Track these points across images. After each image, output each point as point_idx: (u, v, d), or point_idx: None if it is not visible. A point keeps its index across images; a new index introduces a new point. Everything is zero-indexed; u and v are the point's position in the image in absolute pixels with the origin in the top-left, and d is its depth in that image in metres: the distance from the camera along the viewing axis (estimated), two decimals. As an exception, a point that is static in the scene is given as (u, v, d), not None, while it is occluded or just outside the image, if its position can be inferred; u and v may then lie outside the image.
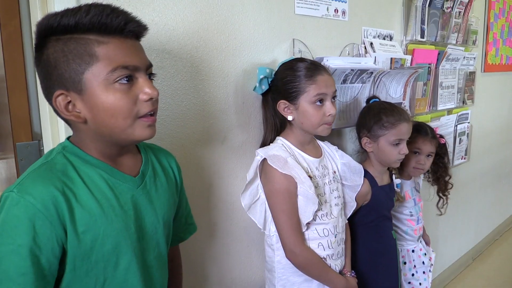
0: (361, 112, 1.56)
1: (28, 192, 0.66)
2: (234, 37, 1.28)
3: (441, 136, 1.82)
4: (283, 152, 1.17)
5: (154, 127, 0.77)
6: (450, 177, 1.85)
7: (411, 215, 1.84)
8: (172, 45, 1.14)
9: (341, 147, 1.69)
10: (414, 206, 1.84)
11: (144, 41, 0.78)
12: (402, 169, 1.78)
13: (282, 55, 1.40)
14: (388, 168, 1.61)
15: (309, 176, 1.18)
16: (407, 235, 1.75)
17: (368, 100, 1.62)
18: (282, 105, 1.20)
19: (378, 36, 1.78)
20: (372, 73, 1.57)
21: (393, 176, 1.61)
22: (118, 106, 0.71)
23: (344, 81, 1.51)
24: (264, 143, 1.29)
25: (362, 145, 1.52)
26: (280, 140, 1.24)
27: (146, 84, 0.73)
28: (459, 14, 2.19)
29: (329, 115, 1.17)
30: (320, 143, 1.34)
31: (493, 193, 3.16)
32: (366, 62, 1.57)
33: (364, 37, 1.71)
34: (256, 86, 1.25)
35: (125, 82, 0.71)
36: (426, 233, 1.92)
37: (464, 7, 2.21)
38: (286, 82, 1.18)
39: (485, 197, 3.06)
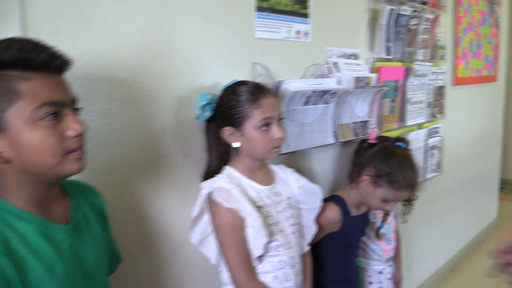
0: (382, 150, 1.50)
1: None
2: (190, 64, 1.26)
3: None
4: (228, 183, 1.15)
5: (82, 160, 0.75)
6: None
7: (383, 235, 1.84)
8: (126, 74, 1.13)
9: (307, 168, 1.69)
10: (387, 226, 1.84)
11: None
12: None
13: (242, 79, 1.39)
14: None
15: (259, 206, 1.16)
16: (376, 255, 1.75)
17: (395, 140, 1.58)
18: (226, 132, 1.16)
19: (343, 56, 1.79)
20: (335, 93, 1.57)
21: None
22: (46, 143, 0.69)
23: (306, 103, 1.50)
24: (208, 173, 1.25)
25: (360, 177, 1.48)
26: (227, 169, 1.21)
27: (73, 119, 0.72)
28: (426, 30, 2.22)
29: (277, 138, 1.14)
30: (274, 167, 1.33)
31: (468, 205, 3.19)
32: (329, 83, 1.58)
33: (328, 57, 1.71)
34: (198, 114, 1.20)
35: (52, 118, 0.69)
36: (399, 264, 1.89)
37: (431, 24, 2.24)
38: (230, 107, 1.14)
39: (460, 209, 3.08)
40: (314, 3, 1.63)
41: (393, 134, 2.09)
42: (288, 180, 1.34)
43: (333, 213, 1.47)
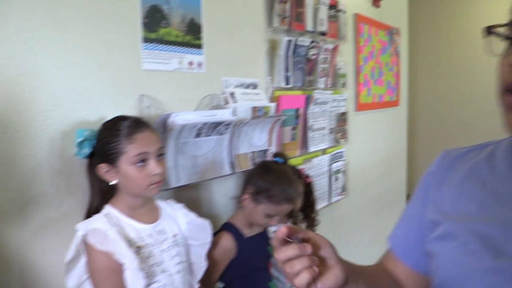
0: (260, 167, 1.56)
1: None
2: (67, 98, 1.20)
3: (307, 176, 1.90)
4: (104, 224, 1.10)
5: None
6: (316, 215, 1.93)
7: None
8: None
9: (207, 200, 1.67)
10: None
11: None
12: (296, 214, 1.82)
13: (128, 112, 1.34)
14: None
15: (139, 246, 1.12)
16: (280, 283, 1.76)
17: (274, 156, 1.62)
18: (102, 169, 1.12)
19: (241, 86, 1.80)
20: (229, 124, 1.57)
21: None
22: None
23: (198, 135, 1.49)
24: (90, 212, 1.19)
25: (242, 197, 1.51)
26: (106, 209, 1.16)
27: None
28: (326, 60, 2.31)
29: (155, 174, 1.12)
30: (161, 203, 1.29)
31: (375, 225, 3.33)
32: (222, 114, 1.57)
33: (225, 88, 1.72)
34: (75, 151, 1.14)
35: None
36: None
37: (330, 53, 2.34)
38: (104, 143, 1.11)
39: (368, 229, 3.21)
40: (209, 34, 1.63)
41: (296, 161, 2.14)
42: (176, 216, 1.30)
43: (225, 240, 1.46)
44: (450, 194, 0.74)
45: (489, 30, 0.64)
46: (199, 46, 1.60)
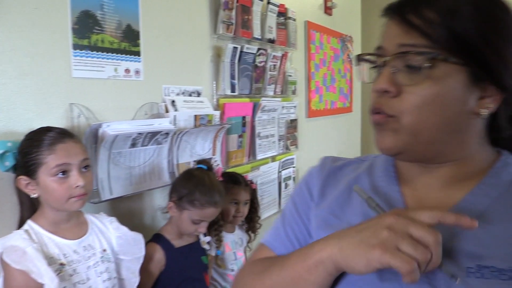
0: (183, 174, 1.54)
1: None
2: (-17, 107, 1.14)
3: (252, 182, 1.91)
4: (23, 240, 1.04)
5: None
6: (259, 218, 1.96)
7: (232, 271, 1.84)
8: None
9: (149, 210, 1.62)
10: (236, 261, 1.84)
11: None
12: (223, 222, 1.81)
13: (57, 122, 1.28)
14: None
15: (62, 264, 1.07)
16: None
17: (197, 163, 1.60)
18: (21, 181, 1.08)
19: (183, 93, 1.77)
20: (168, 133, 1.54)
21: (202, 235, 1.58)
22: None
23: (134, 145, 1.44)
24: (20, 227, 1.13)
25: (167, 205, 1.48)
26: (27, 224, 1.10)
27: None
28: (274, 67, 2.31)
29: (77, 187, 1.08)
30: (90, 217, 1.24)
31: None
32: (160, 123, 1.53)
33: (165, 95, 1.68)
34: None
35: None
36: None
37: (279, 61, 2.34)
38: (25, 154, 1.07)
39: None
40: (148, 40, 1.59)
41: (244, 168, 2.13)
42: (106, 231, 1.25)
43: (153, 251, 1.42)
44: (336, 204, 0.72)
45: (359, 58, 0.67)
46: (136, 53, 1.55)
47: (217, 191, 1.46)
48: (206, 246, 1.55)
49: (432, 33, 0.56)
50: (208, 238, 1.56)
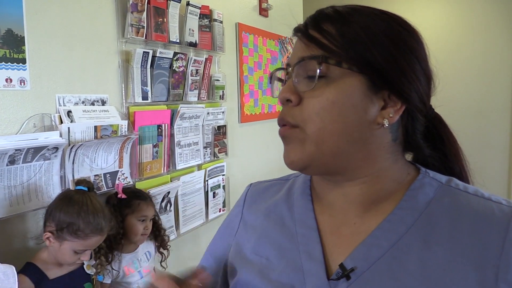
0: (60, 198, 1.36)
1: None
2: None
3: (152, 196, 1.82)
4: None
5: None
6: (165, 231, 1.86)
7: (140, 290, 1.73)
8: None
9: (31, 234, 1.47)
10: (141, 279, 1.74)
11: None
12: (127, 242, 1.70)
13: None
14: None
15: None
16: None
17: (76, 183, 1.44)
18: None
19: (83, 102, 1.64)
20: (57, 148, 1.41)
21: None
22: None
23: (13, 162, 1.31)
24: None
25: (43, 236, 1.33)
26: None
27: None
28: (197, 72, 2.21)
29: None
30: None
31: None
32: (47, 137, 1.41)
33: (60, 105, 1.55)
34: None
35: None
36: None
37: (202, 65, 2.24)
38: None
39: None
40: (36, 46, 1.46)
41: (162, 179, 2.02)
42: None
43: (21, 283, 1.26)
44: (253, 235, 0.72)
45: (271, 76, 0.69)
46: (21, 61, 1.42)
47: (102, 217, 1.32)
48: (90, 271, 1.43)
49: (327, 43, 0.58)
50: (93, 262, 1.44)
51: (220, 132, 2.46)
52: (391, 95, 0.58)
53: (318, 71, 0.57)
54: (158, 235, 1.80)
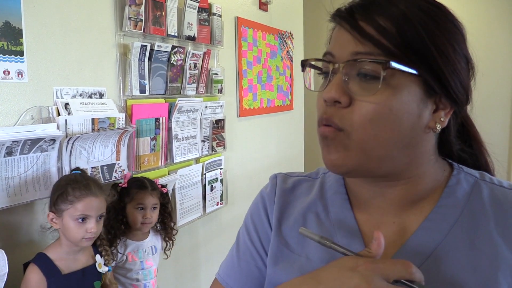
0: (55, 183, 1.42)
1: None
2: None
3: (163, 186, 1.84)
4: None
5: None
6: (174, 224, 1.90)
7: (137, 281, 1.75)
8: None
9: (30, 225, 1.48)
10: (142, 270, 1.75)
11: None
12: (130, 229, 1.73)
13: None
14: (95, 244, 1.47)
15: None
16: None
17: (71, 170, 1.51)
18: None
19: (81, 95, 1.65)
20: (54, 140, 1.43)
21: (98, 256, 1.47)
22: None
23: (10, 153, 1.32)
24: None
25: (49, 221, 1.36)
26: None
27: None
28: (195, 65, 2.22)
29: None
30: None
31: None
32: (44, 129, 1.42)
33: (58, 98, 1.56)
34: None
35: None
36: None
37: (201, 59, 2.25)
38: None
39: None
40: (34, 39, 1.47)
41: (160, 172, 2.04)
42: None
43: (31, 273, 1.28)
44: (291, 236, 0.68)
45: (305, 64, 0.63)
46: (19, 53, 1.43)
47: (91, 182, 1.38)
48: (102, 270, 1.44)
49: (386, 42, 0.53)
50: (106, 268, 1.45)
51: (218, 126, 2.47)
52: (442, 97, 0.56)
53: (379, 74, 0.52)
54: (166, 225, 1.83)
